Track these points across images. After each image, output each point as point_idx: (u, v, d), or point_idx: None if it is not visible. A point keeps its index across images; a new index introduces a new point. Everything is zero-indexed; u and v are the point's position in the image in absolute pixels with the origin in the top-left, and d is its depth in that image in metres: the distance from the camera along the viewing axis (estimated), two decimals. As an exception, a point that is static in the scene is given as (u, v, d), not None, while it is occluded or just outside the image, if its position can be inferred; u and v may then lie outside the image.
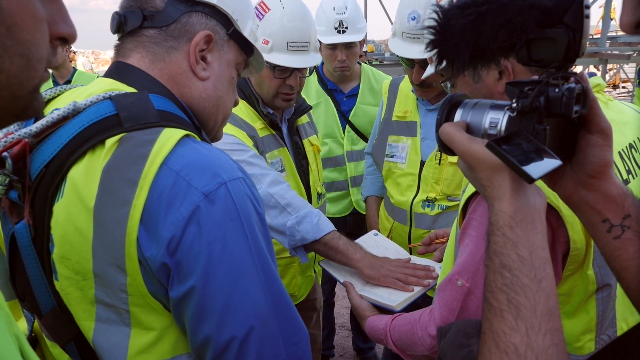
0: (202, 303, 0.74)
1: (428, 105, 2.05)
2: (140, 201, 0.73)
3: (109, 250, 0.75)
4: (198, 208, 0.73)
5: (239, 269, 0.75)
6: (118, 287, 0.76)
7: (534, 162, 0.61)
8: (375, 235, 1.72)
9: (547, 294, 0.61)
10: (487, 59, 0.72)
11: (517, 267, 0.62)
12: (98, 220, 0.75)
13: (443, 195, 1.95)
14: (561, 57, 0.64)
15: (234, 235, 0.75)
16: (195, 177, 0.74)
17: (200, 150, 0.78)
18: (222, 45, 0.93)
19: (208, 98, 0.93)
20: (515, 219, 0.63)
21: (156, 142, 0.76)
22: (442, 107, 0.76)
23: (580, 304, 0.99)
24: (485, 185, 0.68)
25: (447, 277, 1.03)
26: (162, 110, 0.82)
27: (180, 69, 0.89)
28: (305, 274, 1.99)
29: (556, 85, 0.65)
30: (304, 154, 1.95)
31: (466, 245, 1.00)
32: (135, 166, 0.74)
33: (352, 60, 2.63)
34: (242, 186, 0.78)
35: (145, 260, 0.74)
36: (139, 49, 0.89)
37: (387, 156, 2.12)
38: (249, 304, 0.75)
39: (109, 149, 0.76)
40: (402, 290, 1.38)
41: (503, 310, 0.61)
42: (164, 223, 0.72)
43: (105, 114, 0.79)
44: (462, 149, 0.70)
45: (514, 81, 0.68)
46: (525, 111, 0.65)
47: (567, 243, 0.92)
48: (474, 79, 1.00)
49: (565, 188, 0.76)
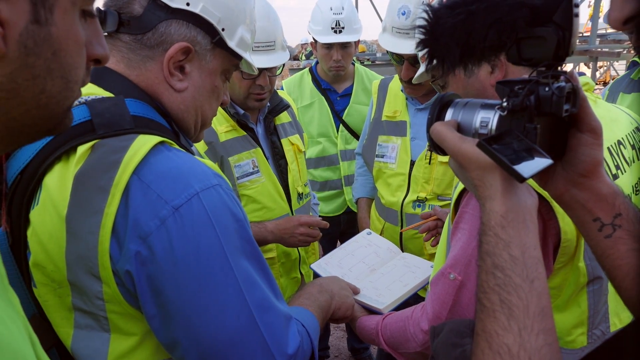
0: (173, 323, 0.72)
1: (417, 105, 2.04)
2: (112, 209, 0.71)
3: (82, 258, 0.73)
4: (167, 222, 0.71)
5: (213, 284, 0.73)
6: (94, 295, 0.75)
7: (525, 161, 0.61)
8: (369, 235, 1.71)
9: (540, 294, 0.60)
10: (478, 58, 0.71)
11: (509, 267, 0.61)
12: (71, 229, 0.73)
13: (434, 195, 1.94)
14: (551, 56, 0.64)
15: (207, 248, 0.73)
16: (166, 189, 0.72)
17: (172, 159, 0.76)
18: (204, 55, 0.90)
19: (186, 109, 0.90)
20: (507, 219, 0.63)
21: (129, 149, 0.74)
22: (433, 106, 0.76)
23: (572, 297, 0.99)
24: (476, 185, 0.67)
25: (440, 271, 1.03)
26: (138, 115, 0.81)
27: (157, 79, 0.87)
28: (290, 275, 1.98)
29: (546, 84, 0.64)
30: (282, 153, 1.94)
31: (458, 239, 1.00)
32: (107, 173, 0.72)
33: (347, 61, 2.63)
34: (216, 194, 0.75)
35: (117, 271, 0.73)
36: (114, 52, 0.86)
37: (378, 156, 2.11)
38: (224, 324, 0.73)
39: (81, 155, 0.74)
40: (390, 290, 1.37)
41: (496, 310, 0.60)
42: (132, 237, 0.71)
43: (79, 120, 0.77)
44: (453, 149, 0.69)
45: (504, 80, 0.68)
46: (515, 110, 0.65)
47: (558, 235, 0.92)
48: (466, 74, 1.00)
49: (556, 187, 0.76)
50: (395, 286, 1.39)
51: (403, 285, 1.39)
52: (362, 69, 2.78)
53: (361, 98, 2.69)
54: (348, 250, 1.62)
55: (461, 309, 0.99)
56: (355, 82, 2.71)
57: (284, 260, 1.93)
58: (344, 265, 1.54)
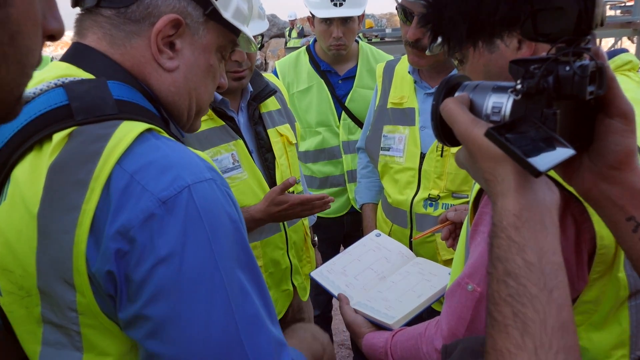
0: (152, 331, 0.73)
1: (427, 89, 2.04)
2: (91, 206, 0.71)
3: (55, 262, 0.73)
4: (152, 216, 0.71)
5: (198, 291, 0.73)
6: (67, 305, 0.75)
7: (542, 153, 0.61)
8: (378, 237, 1.71)
9: (560, 306, 0.60)
10: (488, 35, 0.71)
11: (523, 275, 0.61)
12: (43, 228, 0.73)
13: (447, 192, 1.93)
14: (571, 30, 0.63)
15: (195, 249, 0.72)
16: (152, 180, 0.73)
17: (161, 148, 0.77)
18: (196, 28, 0.90)
19: (178, 91, 0.91)
20: (521, 219, 0.62)
21: (111, 137, 0.74)
22: (439, 90, 0.76)
23: (610, 313, 0.98)
24: (487, 179, 0.67)
25: (456, 281, 1.03)
26: (122, 99, 0.81)
27: (144, 58, 0.87)
28: (280, 287, 1.98)
29: (567, 63, 0.64)
30: (268, 146, 1.93)
31: (478, 244, 1.00)
32: (86, 165, 0.73)
33: (350, 38, 2.61)
34: (210, 190, 0.76)
35: (93, 276, 0.73)
36: (95, 29, 0.87)
37: (383, 149, 2.11)
38: (207, 335, 0.73)
39: (56, 145, 0.75)
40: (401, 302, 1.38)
41: (508, 325, 0.60)
42: (111, 232, 0.71)
43: (56, 104, 0.78)
44: (464, 133, 0.68)
45: (518, 59, 0.67)
46: (531, 93, 0.64)
47: (594, 240, 0.91)
48: (489, 48, 0.99)
49: (582, 182, 0.75)
50: (408, 297, 1.40)
51: (417, 296, 1.39)
52: (367, 48, 2.77)
53: (366, 81, 2.68)
54: (354, 255, 1.63)
55: (481, 325, 0.99)
56: (360, 62, 2.70)
57: (273, 270, 1.93)
58: (349, 272, 1.55)
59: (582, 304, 0.95)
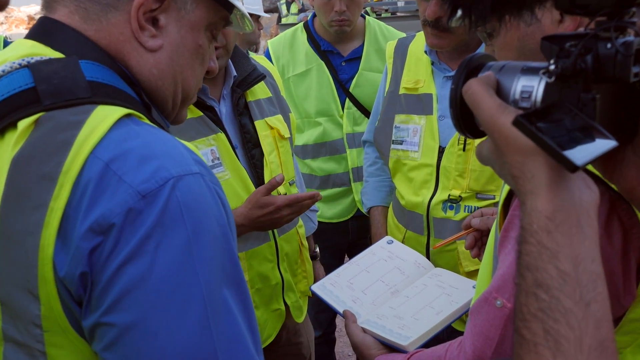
0: (112, 341, 0.71)
1: (447, 72, 2.01)
2: (60, 204, 0.71)
3: (18, 269, 0.73)
4: (129, 212, 0.70)
5: (170, 298, 0.71)
6: (30, 320, 0.74)
7: (580, 145, 0.59)
8: (390, 244, 1.72)
9: (598, 321, 0.59)
10: (516, 7, 0.70)
11: (556, 286, 0.59)
12: (4, 229, 0.73)
13: (470, 192, 1.89)
14: (613, 1, 0.62)
15: (170, 250, 0.71)
16: (131, 171, 0.72)
17: (142, 134, 0.76)
18: (183, 2, 0.89)
19: (161, 75, 0.90)
20: (555, 221, 0.61)
21: (84, 124, 0.74)
22: (459, 72, 0.74)
23: None
24: (515, 175, 0.65)
25: (483, 296, 1.02)
26: (96, 81, 0.80)
27: (123, 35, 0.86)
28: (270, 306, 1.89)
29: (608, 39, 0.62)
30: (255, 140, 1.85)
31: (508, 253, 0.99)
32: (54, 157, 0.72)
33: (355, 12, 2.58)
34: (196, 185, 0.75)
35: (61, 281, 0.72)
36: (67, 1, 0.86)
37: (395, 142, 2.08)
38: (173, 350, 0.71)
39: (21, 134, 0.74)
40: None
41: (538, 344, 0.59)
42: (82, 231, 0.70)
43: (20, 87, 0.77)
44: (489, 120, 0.66)
45: (552, 35, 0.66)
46: (566, 75, 0.63)
47: None
48: (526, 20, 0.98)
49: (626, 178, 0.74)
50: (425, 314, 1.40)
51: (435, 314, 1.39)
52: (375, 24, 2.74)
53: (374, 63, 2.65)
54: (362, 266, 1.64)
55: (511, 347, 0.98)
56: (366, 41, 2.68)
57: (261, 286, 1.84)
58: (356, 286, 1.56)
59: (629, 323, 0.93)
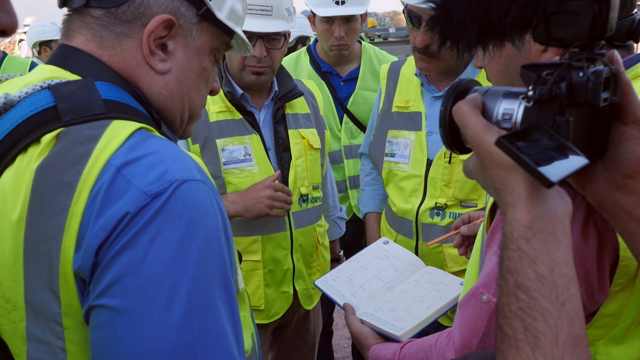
0: (101, 323, 0.72)
1: (435, 92, 2.05)
2: (79, 209, 0.72)
3: (43, 270, 0.74)
4: (135, 212, 0.71)
5: (157, 290, 0.71)
6: (52, 318, 0.75)
7: (555, 162, 0.61)
8: (386, 244, 1.71)
9: (572, 319, 0.61)
10: (499, 38, 0.72)
11: (534, 288, 0.62)
12: (30, 234, 0.74)
13: (455, 200, 1.94)
14: (585, 35, 0.64)
15: (163, 245, 0.71)
16: (140, 175, 0.73)
17: (152, 145, 0.78)
18: (189, 29, 0.92)
19: (170, 95, 0.93)
20: (533, 230, 0.63)
21: (101, 137, 0.75)
22: (447, 95, 0.77)
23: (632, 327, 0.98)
24: (497, 189, 0.68)
25: (471, 291, 1.04)
26: (111, 99, 0.82)
27: (135, 60, 0.88)
28: (280, 288, 2.02)
29: (580, 69, 0.65)
30: (286, 145, 2.02)
31: (494, 253, 1.00)
32: (74, 167, 0.74)
33: (352, 38, 2.64)
34: (197, 190, 0.76)
35: (77, 275, 0.73)
36: (84, 30, 0.88)
37: (387, 155, 2.12)
38: (152, 340, 0.70)
39: (44, 147, 0.76)
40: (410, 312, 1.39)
41: (518, 339, 0.61)
42: (94, 230, 0.71)
43: (42, 107, 0.79)
44: (475, 138, 0.69)
45: (531, 64, 0.68)
46: (543, 100, 0.65)
47: (616, 251, 0.91)
48: (515, 45, 1.01)
49: (596, 191, 0.76)
50: (417, 308, 1.40)
51: (426, 307, 1.40)
52: (370, 48, 2.79)
53: (369, 83, 2.70)
54: (360, 263, 1.63)
55: (495, 339, 0.99)
56: (362, 63, 2.73)
57: (273, 268, 1.98)
58: (355, 281, 1.56)
59: (602, 317, 0.95)
